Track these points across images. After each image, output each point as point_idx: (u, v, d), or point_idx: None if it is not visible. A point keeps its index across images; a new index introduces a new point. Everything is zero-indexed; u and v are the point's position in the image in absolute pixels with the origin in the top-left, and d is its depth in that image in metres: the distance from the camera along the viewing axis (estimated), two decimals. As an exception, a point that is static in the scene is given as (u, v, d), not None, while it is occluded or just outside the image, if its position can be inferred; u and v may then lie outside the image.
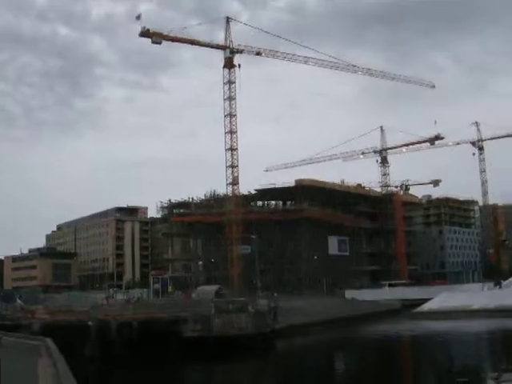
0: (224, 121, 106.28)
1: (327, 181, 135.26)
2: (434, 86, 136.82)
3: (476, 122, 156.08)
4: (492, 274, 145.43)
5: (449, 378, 33.26)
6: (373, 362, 43.15)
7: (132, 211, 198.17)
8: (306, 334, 58.85)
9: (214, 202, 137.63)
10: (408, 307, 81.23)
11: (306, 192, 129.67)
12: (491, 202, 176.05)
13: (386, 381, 32.79)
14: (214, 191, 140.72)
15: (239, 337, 44.07)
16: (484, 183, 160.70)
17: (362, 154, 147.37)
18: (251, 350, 43.51)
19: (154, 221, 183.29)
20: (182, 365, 39.44)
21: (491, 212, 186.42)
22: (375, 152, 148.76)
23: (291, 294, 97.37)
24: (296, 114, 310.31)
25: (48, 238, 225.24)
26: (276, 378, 35.68)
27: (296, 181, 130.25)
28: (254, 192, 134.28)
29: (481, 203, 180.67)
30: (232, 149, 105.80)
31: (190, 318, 45.12)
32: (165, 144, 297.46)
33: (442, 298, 78.71)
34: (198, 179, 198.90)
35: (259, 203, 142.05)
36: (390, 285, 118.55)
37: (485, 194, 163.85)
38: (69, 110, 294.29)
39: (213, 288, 65.03)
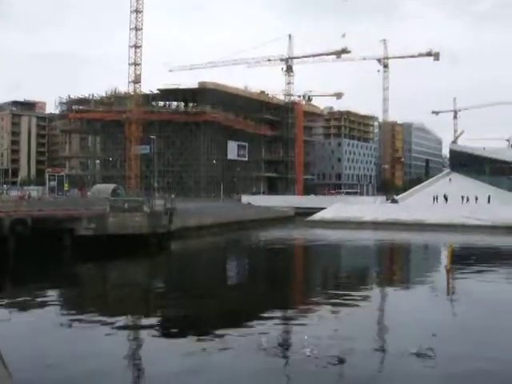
0: (129, 17, 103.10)
1: (231, 85, 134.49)
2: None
3: (384, 40, 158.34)
4: (386, 188, 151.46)
5: (335, 282, 34.85)
6: (264, 263, 44.56)
7: (29, 106, 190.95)
8: (201, 236, 59.90)
9: (115, 99, 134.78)
10: (302, 215, 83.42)
11: (209, 95, 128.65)
12: (391, 119, 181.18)
13: (275, 279, 34.03)
14: (115, 89, 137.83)
15: (134, 236, 44.42)
16: (385, 100, 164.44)
17: (268, 60, 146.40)
18: (145, 249, 44.07)
19: (51, 117, 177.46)
20: (76, 262, 39.54)
21: (390, 129, 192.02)
22: (281, 60, 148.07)
23: (189, 196, 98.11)
24: (203, 16, 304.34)
25: None
26: (169, 277, 36.37)
27: (199, 83, 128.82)
28: (156, 92, 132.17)
29: (381, 119, 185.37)
30: (136, 46, 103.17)
31: (84, 216, 44.93)
32: (66, 38, 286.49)
33: (335, 208, 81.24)
34: (99, 76, 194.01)
35: (161, 103, 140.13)
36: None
37: (385, 110, 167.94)
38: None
39: (109, 187, 64.33)
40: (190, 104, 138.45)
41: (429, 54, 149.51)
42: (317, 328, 20.81)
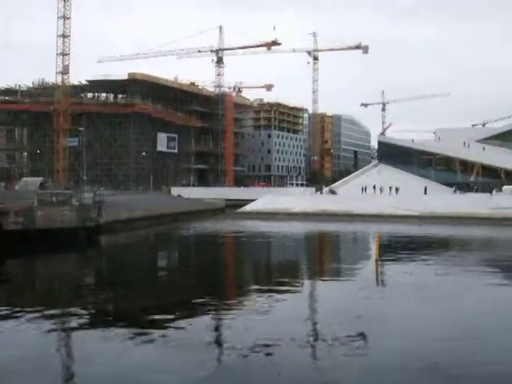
0: (57, 5, 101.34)
1: (161, 77, 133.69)
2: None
3: (314, 32, 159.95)
4: (315, 179, 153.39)
5: (264, 271, 35.37)
6: (194, 255, 44.84)
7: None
8: (131, 228, 59.66)
9: (43, 90, 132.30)
10: (232, 207, 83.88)
11: (139, 86, 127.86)
12: (320, 111, 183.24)
13: (204, 270, 34.27)
14: (43, 79, 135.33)
15: (62, 230, 44.04)
16: (315, 92, 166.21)
17: (198, 52, 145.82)
18: (74, 243, 43.73)
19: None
20: (3, 258, 38.93)
21: (319, 120, 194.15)
22: (212, 51, 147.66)
23: (118, 189, 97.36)
24: (134, 6, 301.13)
25: None
26: (98, 270, 36.24)
27: (129, 74, 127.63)
28: (85, 83, 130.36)
29: (310, 111, 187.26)
30: (64, 36, 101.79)
31: (11, 210, 44.19)
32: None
33: (265, 200, 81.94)
34: (26, 66, 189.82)
35: (90, 95, 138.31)
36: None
37: (315, 102, 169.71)
38: None
39: (37, 180, 63.56)
40: (120, 95, 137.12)
41: (358, 47, 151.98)
42: (248, 317, 21.18)
